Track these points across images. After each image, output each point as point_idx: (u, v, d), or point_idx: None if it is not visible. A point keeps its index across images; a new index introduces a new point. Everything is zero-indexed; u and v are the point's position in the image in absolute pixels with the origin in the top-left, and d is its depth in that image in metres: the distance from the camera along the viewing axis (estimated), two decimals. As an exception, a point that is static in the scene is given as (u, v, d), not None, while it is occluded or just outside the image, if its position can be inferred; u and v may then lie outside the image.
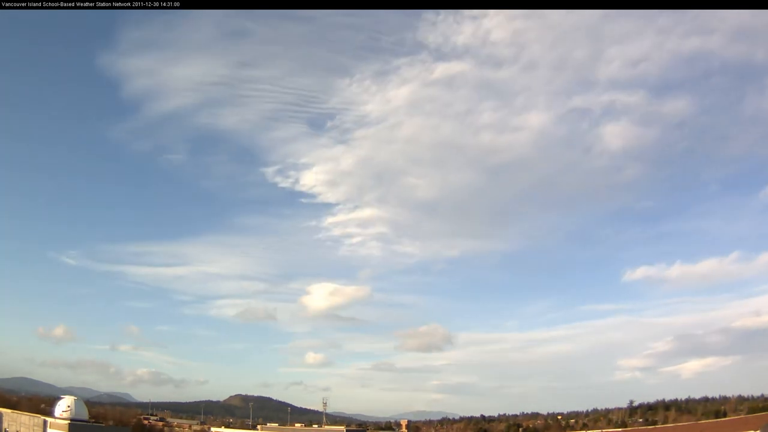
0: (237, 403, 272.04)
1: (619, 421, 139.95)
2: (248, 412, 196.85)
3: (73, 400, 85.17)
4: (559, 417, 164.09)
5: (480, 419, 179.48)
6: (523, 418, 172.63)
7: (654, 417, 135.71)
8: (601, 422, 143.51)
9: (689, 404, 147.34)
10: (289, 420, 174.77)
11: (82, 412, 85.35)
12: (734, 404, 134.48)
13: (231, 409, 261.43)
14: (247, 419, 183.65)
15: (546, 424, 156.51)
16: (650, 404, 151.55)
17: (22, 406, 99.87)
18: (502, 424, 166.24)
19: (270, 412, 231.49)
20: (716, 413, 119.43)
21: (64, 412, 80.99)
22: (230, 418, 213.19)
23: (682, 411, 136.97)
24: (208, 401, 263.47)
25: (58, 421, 78.83)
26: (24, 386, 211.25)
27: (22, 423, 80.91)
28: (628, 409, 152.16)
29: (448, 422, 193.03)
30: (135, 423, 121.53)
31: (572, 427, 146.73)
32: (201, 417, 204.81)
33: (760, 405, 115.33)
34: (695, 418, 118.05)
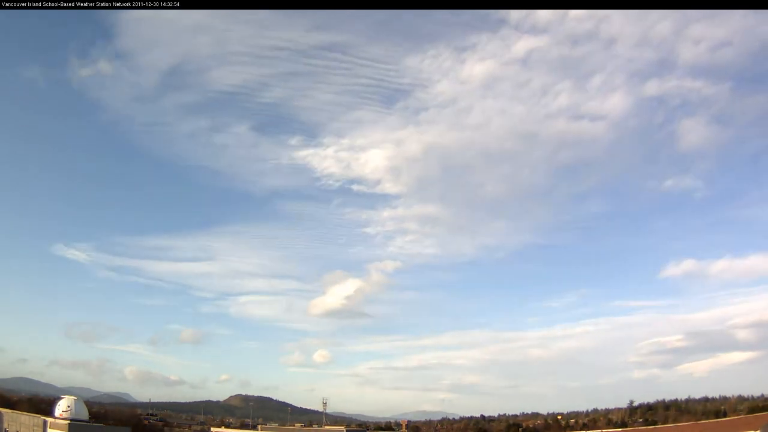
0: (237, 403, 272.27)
1: (619, 421, 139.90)
2: (248, 412, 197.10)
3: (73, 400, 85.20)
4: (559, 417, 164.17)
5: (480, 419, 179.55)
6: (523, 418, 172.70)
7: (654, 417, 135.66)
8: (601, 422, 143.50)
9: (689, 404, 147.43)
10: (289, 420, 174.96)
11: (82, 412, 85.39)
12: (734, 404, 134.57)
13: (231, 409, 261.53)
14: (247, 419, 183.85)
15: (546, 424, 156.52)
16: (650, 404, 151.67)
17: (22, 406, 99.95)
18: (502, 424, 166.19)
19: (270, 412, 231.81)
20: (716, 413, 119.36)
21: (64, 412, 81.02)
22: (230, 418, 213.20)
23: (682, 411, 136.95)
24: (208, 401, 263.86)
25: (58, 421, 78.79)
26: (24, 386, 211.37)
27: (22, 423, 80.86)
28: (628, 409, 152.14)
29: (448, 422, 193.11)
30: (135, 423, 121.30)
31: (572, 427, 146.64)
32: (201, 417, 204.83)
33: (760, 405, 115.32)
34: (695, 418, 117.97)
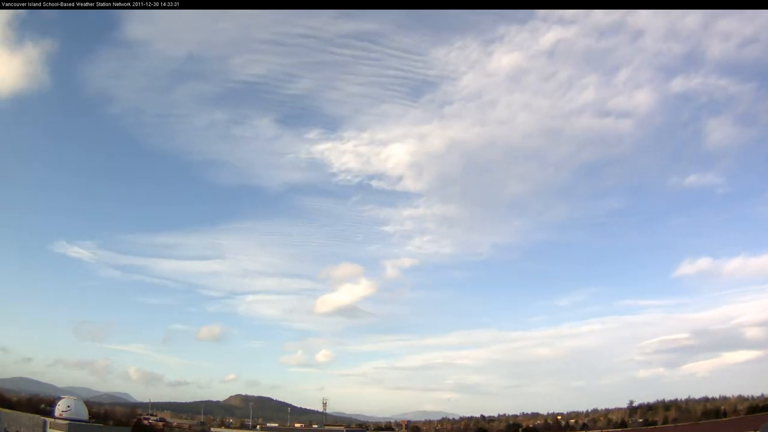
0: (237, 403, 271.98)
1: (619, 421, 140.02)
2: (248, 412, 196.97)
3: (73, 400, 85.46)
4: (559, 417, 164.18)
5: (480, 419, 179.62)
6: (523, 418, 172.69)
7: (654, 417, 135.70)
8: (601, 422, 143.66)
9: (689, 404, 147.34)
10: (289, 420, 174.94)
11: (82, 412, 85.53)
12: (734, 404, 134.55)
13: (231, 409, 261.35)
14: (247, 419, 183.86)
15: (546, 424, 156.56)
16: (650, 404, 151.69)
17: (22, 406, 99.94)
18: (502, 424, 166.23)
19: (270, 412, 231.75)
20: (716, 413, 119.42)
21: (64, 412, 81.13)
22: (230, 418, 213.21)
23: (682, 411, 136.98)
24: (208, 401, 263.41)
25: (57, 421, 78.82)
26: (24, 386, 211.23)
27: (22, 423, 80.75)
28: (628, 409, 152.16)
29: (448, 422, 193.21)
30: (135, 423, 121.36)
31: (572, 427, 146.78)
32: (201, 417, 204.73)
33: (760, 405, 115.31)
34: (695, 418, 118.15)
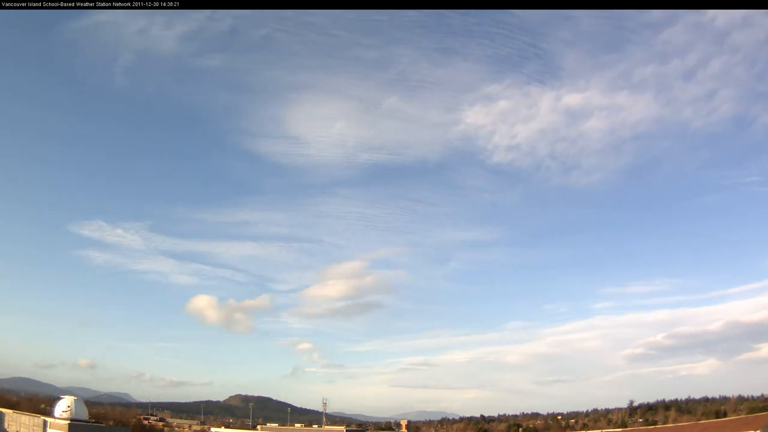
0: (237, 403, 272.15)
1: (619, 421, 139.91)
2: (248, 412, 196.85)
3: (73, 400, 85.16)
4: (558, 417, 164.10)
5: (480, 419, 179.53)
6: (523, 418, 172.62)
7: (654, 417, 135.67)
8: (601, 422, 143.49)
9: (689, 404, 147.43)
10: (289, 420, 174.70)
11: (82, 412, 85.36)
12: (734, 404, 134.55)
13: (231, 409, 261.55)
14: (247, 419, 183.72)
15: (546, 424, 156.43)
16: (650, 404, 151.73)
17: (22, 406, 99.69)
18: (502, 424, 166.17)
19: (270, 412, 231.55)
20: (716, 413, 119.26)
21: (64, 412, 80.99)
22: (230, 418, 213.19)
23: (682, 411, 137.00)
24: (208, 401, 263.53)
25: (58, 421, 78.74)
26: (24, 386, 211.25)
27: (22, 423, 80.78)
28: (628, 409, 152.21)
29: (447, 422, 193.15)
30: (135, 423, 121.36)
31: (572, 427, 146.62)
32: (201, 417, 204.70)
33: (760, 405, 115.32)
34: (695, 418, 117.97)
